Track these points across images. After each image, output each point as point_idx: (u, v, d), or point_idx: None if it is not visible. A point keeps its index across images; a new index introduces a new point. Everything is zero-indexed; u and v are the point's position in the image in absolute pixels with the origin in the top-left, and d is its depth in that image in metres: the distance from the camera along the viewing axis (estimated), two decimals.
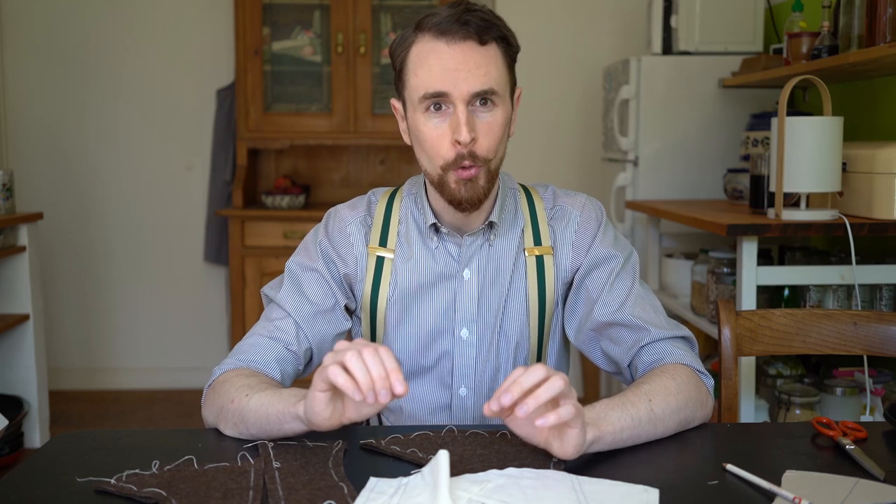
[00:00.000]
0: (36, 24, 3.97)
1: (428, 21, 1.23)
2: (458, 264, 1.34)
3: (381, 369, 0.97)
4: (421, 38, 1.24)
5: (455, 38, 1.21)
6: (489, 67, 1.22)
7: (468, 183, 1.25)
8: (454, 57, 1.21)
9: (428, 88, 1.22)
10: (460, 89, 1.21)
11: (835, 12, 2.30)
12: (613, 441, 1.07)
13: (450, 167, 1.25)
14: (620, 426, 1.08)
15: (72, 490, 0.98)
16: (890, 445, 1.15)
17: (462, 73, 1.21)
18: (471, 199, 1.26)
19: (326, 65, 3.81)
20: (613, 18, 3.84)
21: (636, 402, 1.12)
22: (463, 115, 1.21)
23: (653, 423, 1.12)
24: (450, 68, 1.21)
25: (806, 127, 2.07)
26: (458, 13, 1.22)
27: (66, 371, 4.09)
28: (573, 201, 1.38)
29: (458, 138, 1.21)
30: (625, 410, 1.10)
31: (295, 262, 1.36)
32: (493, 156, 1.26)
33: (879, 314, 1.51)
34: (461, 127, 1.21)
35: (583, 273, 1.35)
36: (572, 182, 3.85)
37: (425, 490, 0.94)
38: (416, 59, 1.24)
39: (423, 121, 1.25)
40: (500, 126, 1.25)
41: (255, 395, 1.13)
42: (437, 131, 1.24)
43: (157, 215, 4.09)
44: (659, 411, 1.13)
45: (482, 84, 1.21)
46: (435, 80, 1.21)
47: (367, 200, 1.40)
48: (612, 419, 1.07)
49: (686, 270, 2.74)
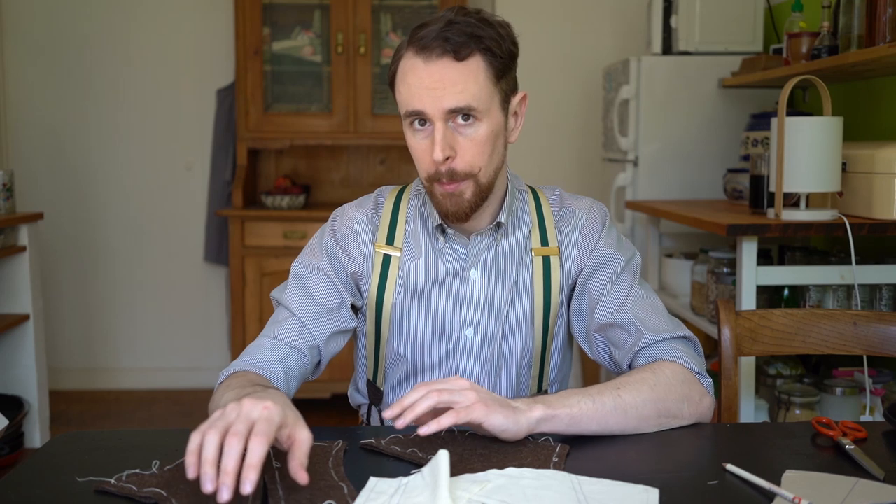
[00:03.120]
0: (36, 24, 3.97)
1: (416, 34, 1.24)
2: (465, 264, 1.35)
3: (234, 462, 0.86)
4: (406, 54, 1.25)
5: (432, 55, 1.21)
6: (467, 84, 1.21)
7: (452, 196, 1.26)
8: (431, 75, 1.21)
9: (409, 106, 1.24)
10: (435, 108, 1.22)
11: (835, 12, 2.30)
12: (571, 422, 1.11)
13: (432, 180, 1.27)
14: (579, 409, 1.11)
15: (72, 490, 0.98)
16: (890, 445, 1.15)
17: (438, 92, 1.21)
18: (456, 213, 1.28)
19: (326, 65, 3.81)
20: (613, 18, 3.84)
21: (602, 391, 1.15)
22: (439, 132, 1.22)
23: (622, 411, 1.14)
24: (426, 87, 1.22)
25: (806, 127, 2.07)
26: (439, 28, 1.21)
27: (66, 371, 4.09)
28: (580, 204, 1.40)
29: (434, 156, 1.23)
30: (587, 395, 1.13)
31: (300, 263, 1.37)
32: (476, 170, 1.26)
33: (879, 314, 1.51)
34: (436, 146, 1.22)
35: (586, 275, 1.35)
36: (572, 182, 3.85)
37: (425, 490, 0.94)
38: (401, 75, 1.26)
39: (410, 134, 1.27)
40: (483, 140, 1.24)
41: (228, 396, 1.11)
42: (421, 145, 1.26)
43: (157, 215, 4.09)
44: (629, 399, 1.15)
45: (457, 101, 1.21)
46: (413, 98, 1.23)
47: (375, 199, 1.41)
48: (570, 402, 1.12)
49: (686, 270, 2.74)
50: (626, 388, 1.16)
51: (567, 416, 1.11)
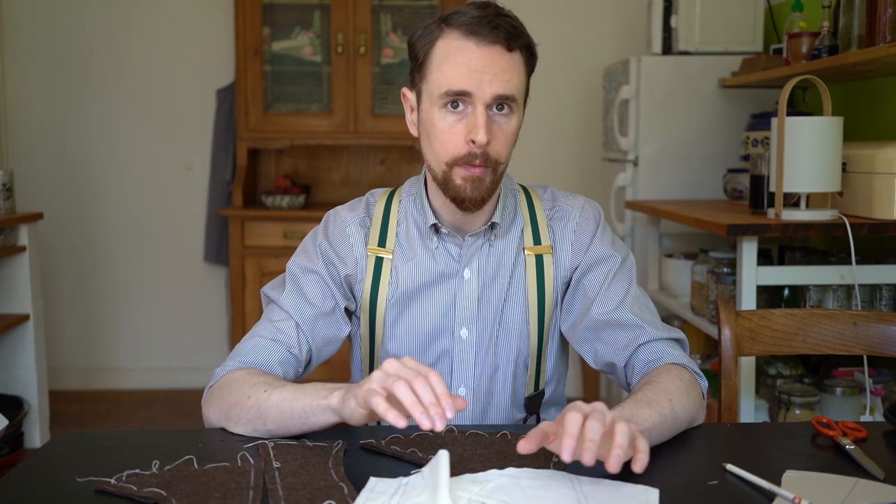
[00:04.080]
0: (36, 24, 3.97)
1: (457, 18, 1.23)
2: (459, 264, 1.35)
3: (431, 395, 0.96)
4: (449, 34, 1.23)
5: (485, 40, 1.21)
6: (513, 74, 1.23)
7: (475, 181, 1.25)
8: (482, 58, 1.21)
9: (451, 86, 1.22)
10: (483, 91, 1.21)
11: (835, 12, 2.30)
12: (647, 440, 1.04)
13: (457, 163, 1.25)
14: (652, 423, 1.07)
15: (72, 490, 0.98)
16: (890, 445, 1.15)
17: (488, 76, 1.21)
18: (474, 199, 1.27)
19: (326, 65, 3.81)
20: (613, 18, 3.84)
21: (659, 401, 1.11)
22: (482, 116, 1.22)
23: (673, 422, 1.12)
24: (476, 69, 1.21)
25: (806, 127, 2.07)
26: (489, 15, 1.22)
27: (66, 371, 4.09)
28: (572, 202, 1.39)
29: (476, 138, 1.22)
30: (652, 408, 1.09)
31: (295, 263, 1.36)
32: (503, 160, 1.27)
33: (879, 314, 1.51)
34: (479, 128, 1.21)
35: (581, 272, 1.35)
36: (572, 182, 3.85)
37: (425, 490, 0.94)
38: (443, 54, 1.24)
39: (440, 116, 1.25)
40: (513, 132, 1.27)
41: (275, 391, 1.13)
42: (453, 127, 1.24)
43: (157, 215, 4.09)
44: (679, 410, 1.13)
45: (505, 89, 1.22)
46: (460, 78, 1.22)
47: (366, 202, 1.40)
48: (644, 416, 1.07)
49: (686, 270, 2.74)
50: (675, 398, 1.14)
51: (647, 433, 1.05)
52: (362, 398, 1.00)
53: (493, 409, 1.39)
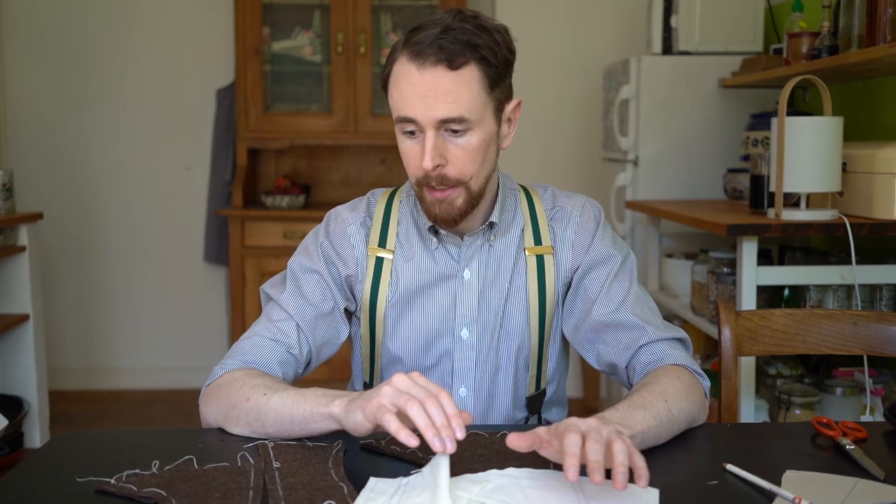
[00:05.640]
0: (36, 24, 3.97)
1: (410, 37, 1.21)
2: (458, 265, 1.34)
3: (443, 417, 0.96)
4: (401, 58, 1.22)
5: (426, 63, 1.19)
6: (460, 94, 1.19)
7: (441, 203, 1.26)
8: (424, 83, 1.19)
9: (399, 112, 1.23)
10: (427, 116, 1.20)
11: (835, 12, 2.30)
12: (641, 443, 1.05)
13: (421, 184, 1.26)
14: (646, 426, 1.06)
15: (72, 490, 0.98)
16: (890, 445, 1.15)
17: (430, 101, 1.19)
18: (445, 219, 1.27)
19: (326, 65, 3.81)
20: (613, 18, 3.84)
21: (655, 403, 1.11)
22: (430, 141, 1.21)
23: (670, 424, 1.12)
24: (419, 94, 1.19)
25: (806, 127, 2.07)
26: (435, 33, 1.19)
27: (66, 371, 4.09)
28: (573, 202, 1.39)
29: (423, 164, 1.21)
30: (647, 411, 1.08)
31: (296, 262, 1.35)
32: (467, 177, 1.24)
33: (879, 314, 1.51)
34: (426, 154, 1.21)
35: (581, 273, 1.35)
36: (572, 182, 3.85)
37: (425, 490, 0.94)
38: (395, 79, 1.23)
39: (402, 139, 1.26)
40: (475, 149, 1.23)
41: (274, 394, 1.12)
42: (412, 150, 1.25)
43: (157, 215, 4.09)
44: (675, 411, 1.13)
45: (450, 112, 1.19)
46: (405, 105, 1.21)
47: (367, 201, 1.40)
48: (637, 419, 1.06)
49: (686, 270, 2.74)
50: (672, 399, 1.13)
51: (640, 436, 1.05)
52: (371, 413, 0.99)
53: (495, 409, 1.38)
